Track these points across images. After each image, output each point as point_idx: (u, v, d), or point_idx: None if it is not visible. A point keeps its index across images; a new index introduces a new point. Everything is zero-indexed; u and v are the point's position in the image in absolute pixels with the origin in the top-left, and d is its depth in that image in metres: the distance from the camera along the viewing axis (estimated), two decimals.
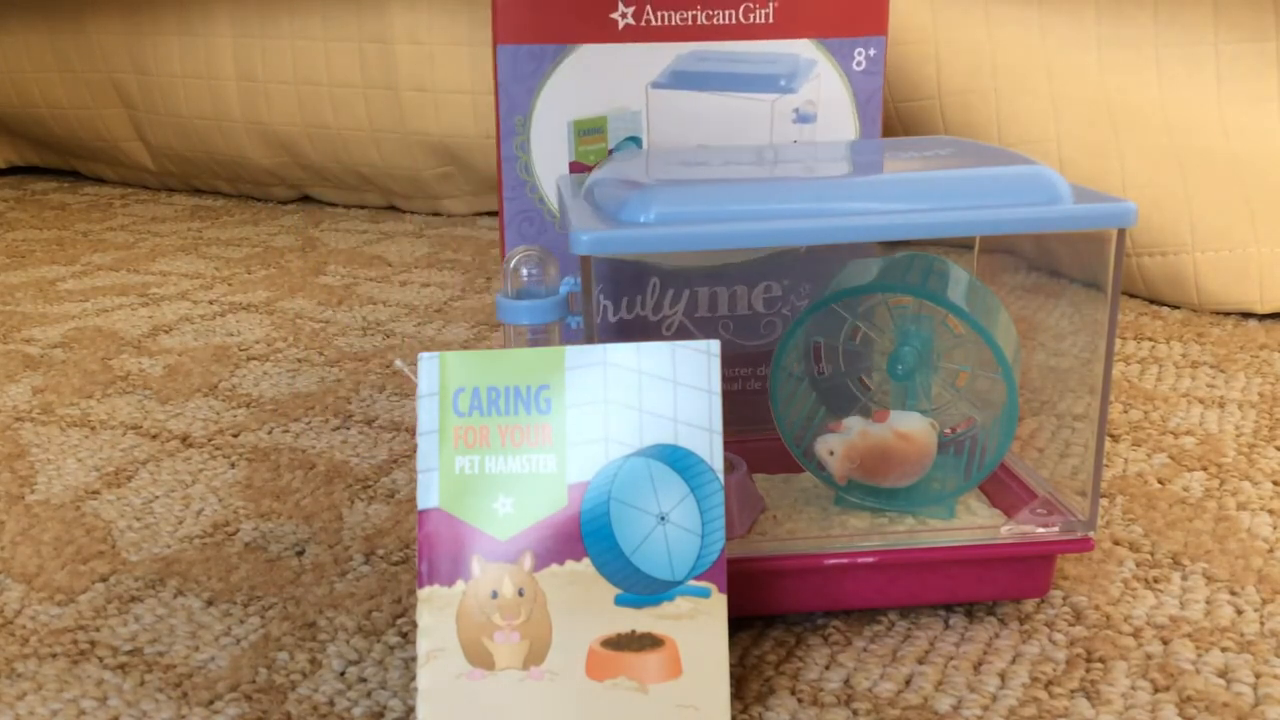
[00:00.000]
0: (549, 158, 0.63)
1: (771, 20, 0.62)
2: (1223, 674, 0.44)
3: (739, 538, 0.48)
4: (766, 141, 0.64)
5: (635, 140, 0.63)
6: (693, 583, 0.41)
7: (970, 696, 0.43)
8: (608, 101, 0.63)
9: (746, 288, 0.59)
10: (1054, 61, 0.90)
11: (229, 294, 1.01)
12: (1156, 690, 0.43)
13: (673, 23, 0.61)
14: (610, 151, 0.63)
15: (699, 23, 0.61)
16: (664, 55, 0.62)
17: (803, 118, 0.63)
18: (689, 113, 0.63)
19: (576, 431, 0.41)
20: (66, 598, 0.51)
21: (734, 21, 0.62)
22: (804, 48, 0.62)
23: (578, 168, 0.63)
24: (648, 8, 0.61)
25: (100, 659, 0.46)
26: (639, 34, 0.61)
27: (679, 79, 0.62)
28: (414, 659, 0.46)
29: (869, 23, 0.62)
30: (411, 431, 0.69)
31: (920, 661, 0.45)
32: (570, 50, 0.61)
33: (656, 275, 0.58)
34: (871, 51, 0.62)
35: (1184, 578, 0.50)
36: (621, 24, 0.61)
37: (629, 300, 0.58)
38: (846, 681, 0.44)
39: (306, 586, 0.51)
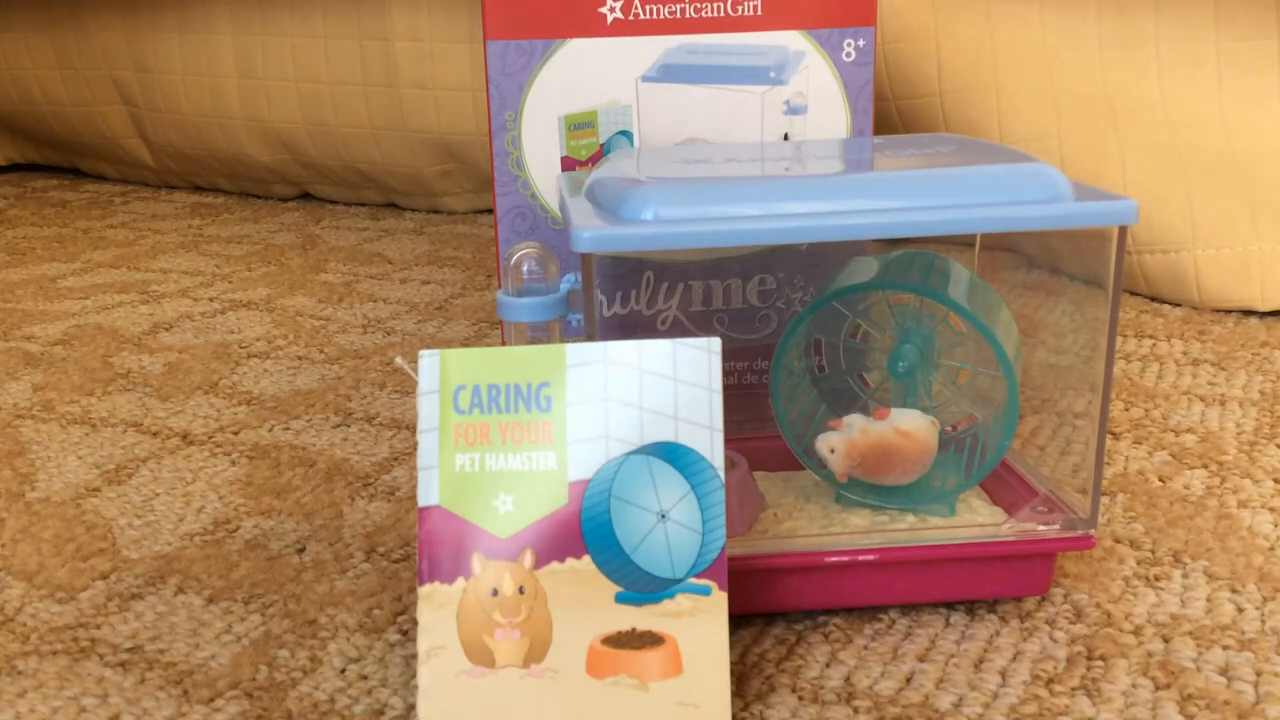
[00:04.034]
0: (540, 153, 0.63)
1: (760, 12, 0.62)
2: (1224, 672, 0.44)
3: (739, 535, 0.48)
4: (757, 133, 0.64)
5: (626, 134, 0.63)
6: (693, 580, 0.41)
7: (971, 694, 0.43)
8: (598, 96, 0.63)
9: (741, 281, 0.59)
10: (1055, 59, 0.90)
11: (229, 291, 1.01)
12: (1157, 688, 0.43)
13: (661, 16, 0.61)
14: (601, 146, 0.63)
15: (687, 15, 0.61)
16: (653, 49, 0.62)
17: (793, 109, 0.63)
18: (679, 106, 0.63)
19: (577, 429, 0.41)
20: (67, 595, 0.51)
21: (722, 14, 0.62)
22: (793, 39, 0.62)
23: (569, 163, 0.63)
24: (636, 1, 0.61)
25: (101, 656, 0.46)
26: (628, 28, 0.61)
27: (668, 72, 0.62)
28: (414, 656, 0.46)
29: (857, 14, 0.62)
30: (412, 429, 0.69)
31: (921, 659, 0.45)
32: (559, 45, 0.61)
33: (651, 270, 0.58)
34: (861, 42, 0.62)
35: (1185, 575, 0.50)
36: (610, 18, 0.61)
37: (623, 295, 0.58)
38: (847, 679, 0.44)
39: (307, 584, 0.51)
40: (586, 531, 0.41)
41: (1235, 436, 0.65)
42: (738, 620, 0.47)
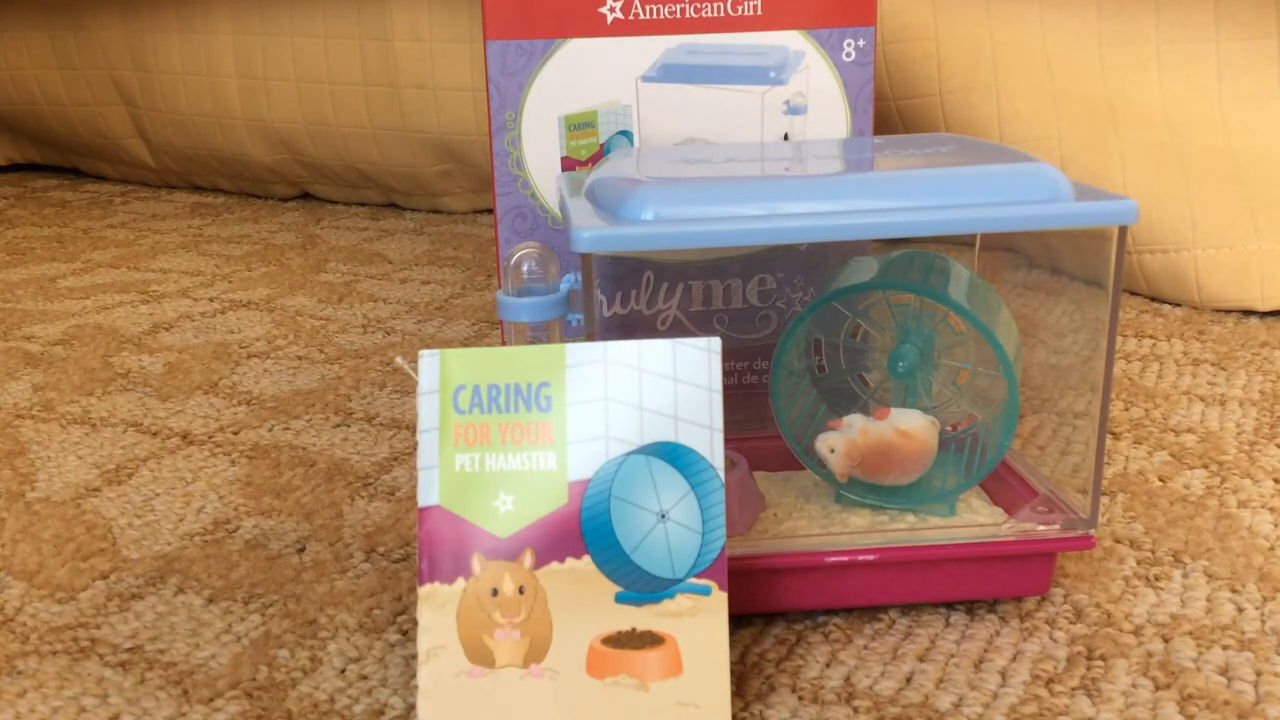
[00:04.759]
0: (540, 153, 0.63)
1: (760, 12, 0.62)
2: (1223, 672, 0.44)
3: (739, 535, 0.48)
4: (757, 133, 0.64)
5: (626, 134, 0.63)
6: (693, 580, 0.41)
7: (971, 694, 0.43)
8: (598, 96, 0.63)
9: (741, 281, 0.59)
10: (1055, 59, 0.90)
11: (229, 291, 1.01)
12: (1157, 688, 0.43)
13: (661, 16, 0.61)
14: (601, 146, 0.64)
15: (687, 15, 0.62)
16: (653, 48, 0.62)
17: (793, 109, 0.63)
18: (679, 106, 0.63)
19: (577, 429, 0.41)
20: (67, 595, 0.51)
21: (722, 14, 0.62)
22: (793, 39, 0.62)
23: (569, 163, 0.64)
24: (636, 1, 0.61)
25: (101, 656, 0.46)
26: (628, 28, 0.61)
27: (669, 72, 0.62)
28: (414, 656, 0.46)
29: (857, 14, 0.62)
30: (412, 429, 0.69)
31: (921, 659, 0.45)
32: (559, 45, 0.61)
33: (651, 270, 0.58)
34: (861, 42, 0.62)
35: (1185, 575, 0.50)
36: (610, 18, 0.61)
37: (623, 295, 0.58)
38: (847, 679, 0.44)
39: (307, 584, 0.51)
40: (586, 531, 0.41)
41: (1235, 436, 0.65)
42: (738, 620, 0.47)
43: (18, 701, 0.43)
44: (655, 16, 0.61)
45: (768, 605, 0.47)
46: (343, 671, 0.45)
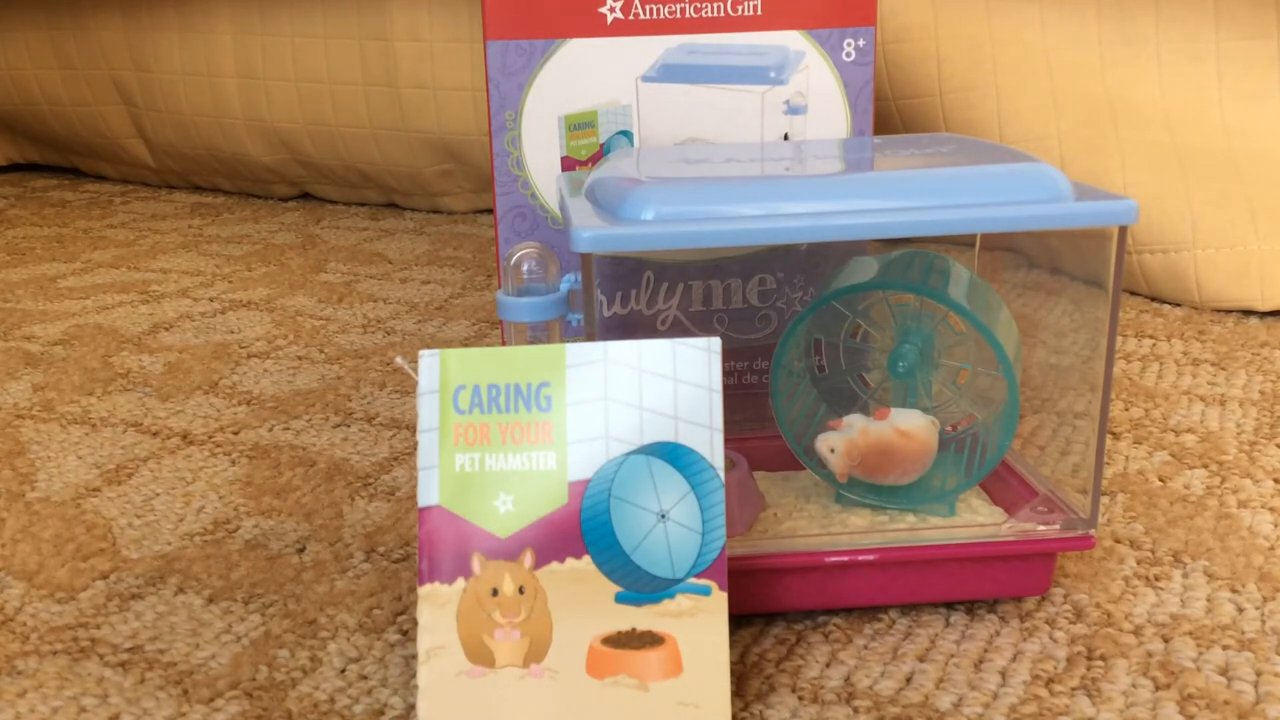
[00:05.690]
0: (540, 153, 0.63)
1: (760, 12, 0.62)
2: (1223, 672, 0.44)
3: (739, 535, 0.48)
4: (757, 133, 0.64)
5: (626, 134, 0.63)
6: (693, 580, 0.41)
7: (971, 694, 0.43)
8: (598, 95, 0.63)
9: (741, 281, 0.59)
10: (1055, 59, 0.90)
11: (229, 291, 1.01)
12: (1157, 688, 0.43)
13: (661, 16, 0.61)
14: (601, 145, 0.64)
15: (687, 15, 0.62)
16: (653, 48, 0.62)
17: (793, 109, 0.63)
18: (679, 106, 0.63)
19: (577, 429, 0.41)
20: (67, 595, 0.51)
21: (722, 14, 0.62)
22: (793, 39, 0.62)
23: (569, 163, 0.64)
24: (636, 1, 0.61)
25: (101, 656, 0.46)
26: (628, 28, 0.61)
27: (669, 72, 0.62)
28: (414, 656, 0.46)
29: (857, 13, 0.62)
30: (412, 429, 0.69)
31: (921, 659, 0.45)
32: (559, 45, 0.61)
33: (651, 270, 0.58)
34: (861, 42, 0.63)
35: (1185, 575, 0.50)
36: (610, 18, 0.61)
37: (623, 295, 0.58)
38: (847, 679, 0.44)
39: (307, 584, 0.51)
40: (586, 531, 0.41)
41: (1235, 436, 0.65)
42: (738, 620, 0.47)
43: (18, 701, 0.43)
44: (655, 16, 0.61)
45: (768, 605, 0.47)
46: (343, 671, 0.45)
